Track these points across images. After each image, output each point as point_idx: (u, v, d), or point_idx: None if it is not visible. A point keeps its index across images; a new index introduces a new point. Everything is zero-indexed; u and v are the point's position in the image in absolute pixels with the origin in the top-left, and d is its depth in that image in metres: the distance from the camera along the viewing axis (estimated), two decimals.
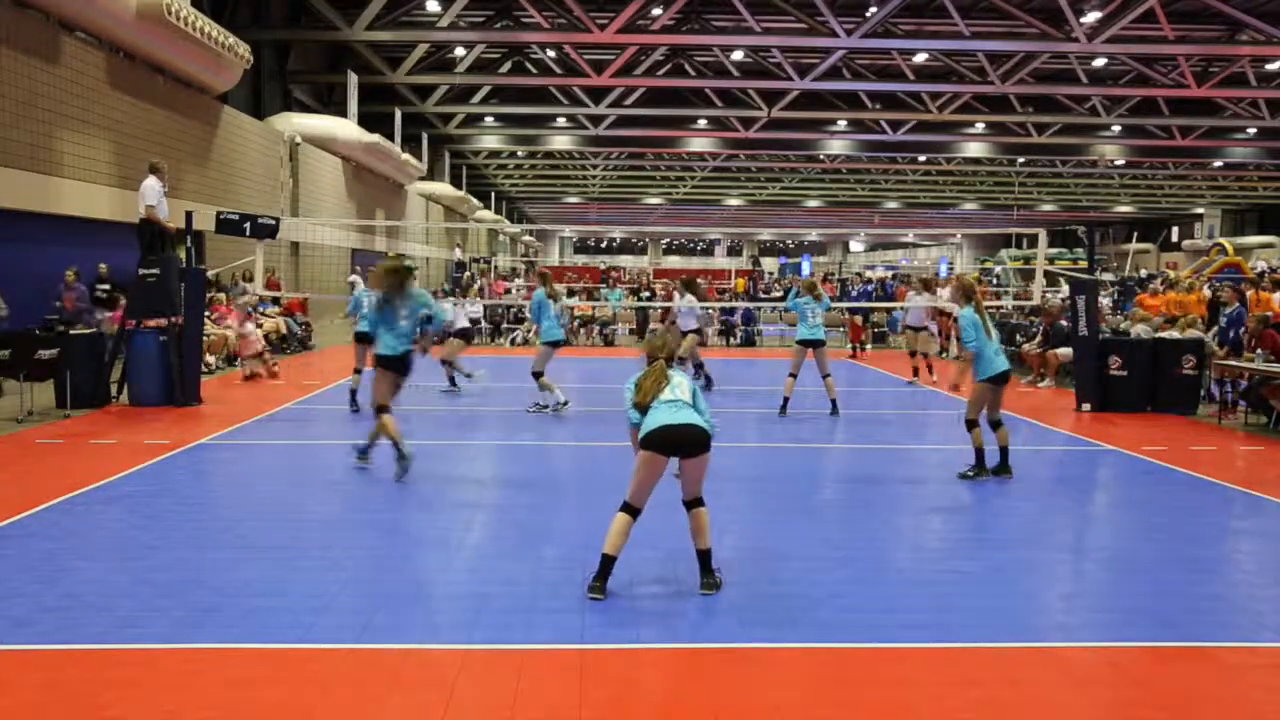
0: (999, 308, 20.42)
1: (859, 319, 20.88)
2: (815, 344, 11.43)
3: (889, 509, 7.24)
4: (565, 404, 11.31)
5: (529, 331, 22.18)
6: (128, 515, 6.65)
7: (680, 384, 5.21)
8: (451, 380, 13.06)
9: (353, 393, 11.23)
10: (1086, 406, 12.13)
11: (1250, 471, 8.80)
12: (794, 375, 11.44)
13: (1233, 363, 11.84)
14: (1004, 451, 8.09)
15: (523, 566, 5.60)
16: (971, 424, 8.08)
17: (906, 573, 5.70)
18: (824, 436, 10.39)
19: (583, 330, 22.96)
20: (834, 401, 11.48)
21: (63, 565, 5.50)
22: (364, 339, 10.60)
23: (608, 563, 5.10)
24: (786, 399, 11.45)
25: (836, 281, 36.51)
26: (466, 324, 13.85)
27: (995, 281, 40.22)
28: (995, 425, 8.11)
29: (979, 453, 8.06)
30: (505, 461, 8.82)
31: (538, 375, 11.19)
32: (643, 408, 5.14)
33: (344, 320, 24.99)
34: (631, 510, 5.15)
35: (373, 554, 5.84)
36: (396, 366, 7.86)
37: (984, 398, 8.05)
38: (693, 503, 5.21)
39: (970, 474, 8.02)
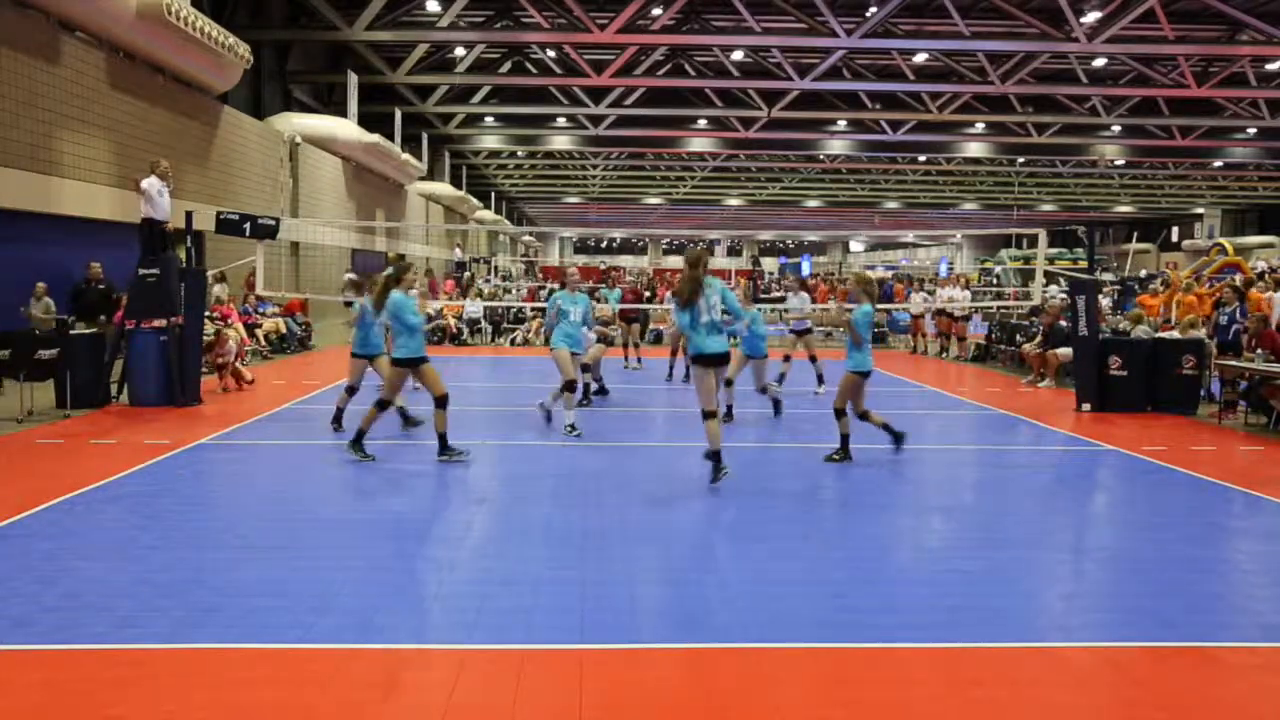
0: (1002, 307, 20.39)
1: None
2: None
3: (889, 509, 7.24)
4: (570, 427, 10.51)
5: (529, 332, 22.20)
6: (128, 515, 6.65)
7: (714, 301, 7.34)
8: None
9: (340, 411, 10.01)
10: (1086, 406, 12.13)
11: (1250, 471, 8.80)
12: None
13: (1233, 363, 11.84)
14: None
15: (523, 566, 5.60)
16: (840, 412, 8.72)
17: (906, 573, 5.70)
18: (824, 436, 10.38)
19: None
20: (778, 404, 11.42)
21: (63, 565, 5.50)
22: (364, 356, 9.77)
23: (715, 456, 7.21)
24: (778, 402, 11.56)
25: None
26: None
27: (996, 281, 40.22)
28: (862, 416, 8.73)
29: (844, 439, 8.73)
30: (505, 461, 8.81)
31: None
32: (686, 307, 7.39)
33: (344, 324, 25.04)
34: (710, 415, 7.27)
35: (372, 554, 5.84)
36: (413, 365, 8.39)
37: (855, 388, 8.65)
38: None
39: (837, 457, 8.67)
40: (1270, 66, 26.08)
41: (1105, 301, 19.81)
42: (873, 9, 21.60)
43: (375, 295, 8.46)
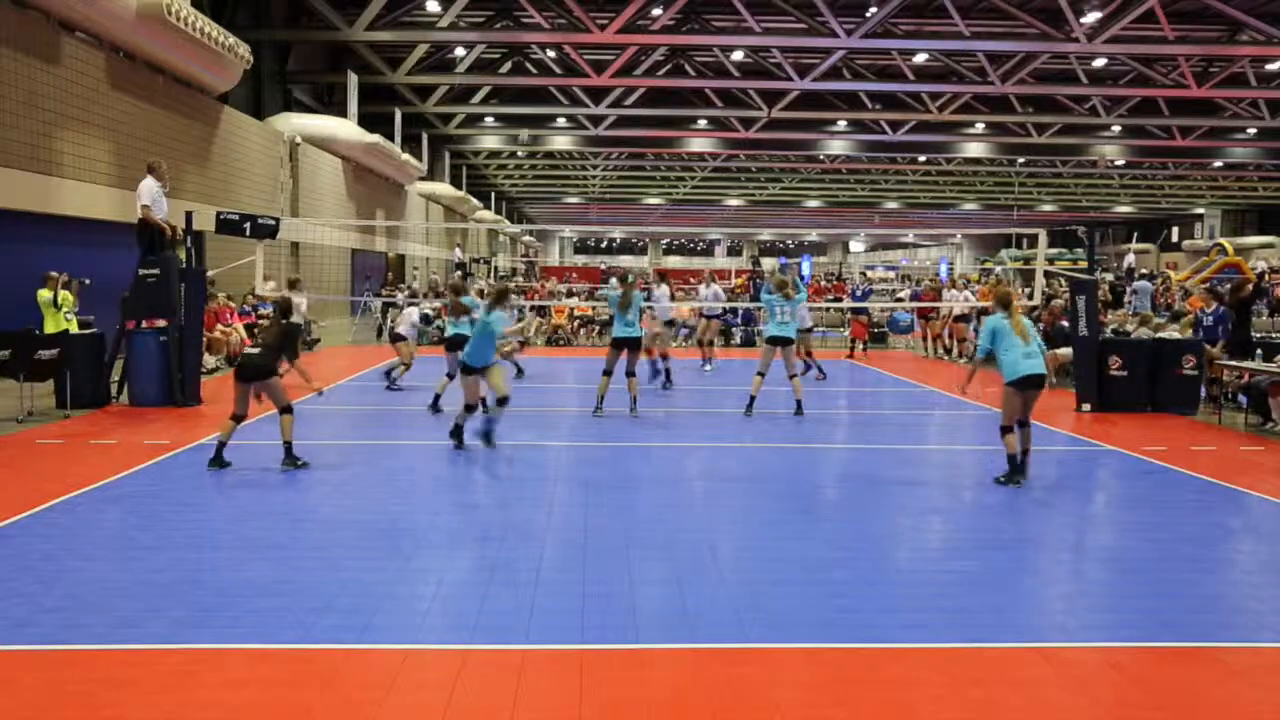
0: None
1: (864, 319, 20.89)
2: (783, 342, 11.36)
3: (889, 509, 7.24)
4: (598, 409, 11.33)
5: (529, 332, 22.20)
6: (128, 515, 6.65)
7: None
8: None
9: (437, 396, 11.33)
10: (1086, 406, 12.13)
11: (1250, 471, 8.79)
12: (762, 374, 11.34)
13: (1233, 363, 11.84)
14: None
15: (523, 566, 5.60)
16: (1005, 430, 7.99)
17: (907, 573, 5.70)
18: (824, 437, 10.38)
19: (582, 331, 22.95)
20: (799, 402, 11.37)
21: (63, 565, 5.50)
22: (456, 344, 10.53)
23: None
24: (753, 398, 11.36)
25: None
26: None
27: (995, 281, 40.03)
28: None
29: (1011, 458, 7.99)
30: (505, 461, 8.81)
31: (607, 374, 11.38)
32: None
33: (345, 321, 25.02)
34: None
35: (372, 554, 5.83)
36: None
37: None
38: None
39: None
40: (1270, 66, 26.09)
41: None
42: (873, 9, 21.61)
43: (489, 305, 9.29)
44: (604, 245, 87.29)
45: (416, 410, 11.37)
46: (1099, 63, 26.71)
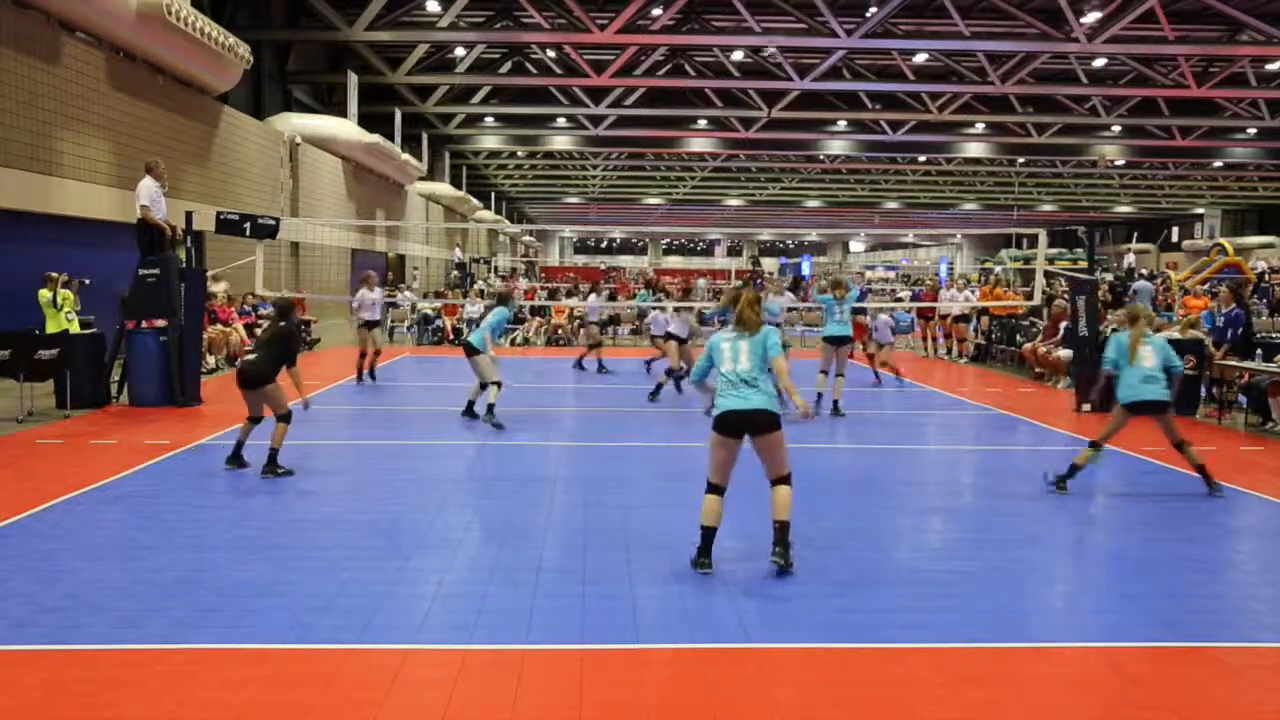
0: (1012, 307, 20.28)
1: (865, 319, 20.89)
2: (841, 340, 11.66)
3: (889, 509, 7.24)
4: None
5: (530, 332, 22.20)
6: (128, 515, 6.65)
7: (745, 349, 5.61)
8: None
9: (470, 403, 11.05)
10: (1086, 407, 12.13)
11: (1250, 471, 8.79)
12: (825, 372, 11.69)
13: (1232, 363, 11.84)
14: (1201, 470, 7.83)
15: (523, 566, 5.60)
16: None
17: (906, 573, 5.70)
18: (824, 437, 10.38)
19: (582, 331, 22.94)
20: (836, 403, 11.56)
21: (63, 565, 5.50)
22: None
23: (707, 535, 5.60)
24: (821, 395, 11.69)
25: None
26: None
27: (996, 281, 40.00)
28: (1179, 446, 7.83)
29: (1201, 469, 7.77)
30: (506, 461, 8.82)
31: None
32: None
33: (345, 321, 25.02)
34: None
35: (373, 554, 5.83)
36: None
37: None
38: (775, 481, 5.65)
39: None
40: (1270, 66, 26.07)
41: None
42: (873, 9, 21.60)
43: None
44: (604, 245, 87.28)
45: (417, 410, 11.37)
46: (1099, 63, 26.70)
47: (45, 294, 11.70)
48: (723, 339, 5.71)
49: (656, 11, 21.99)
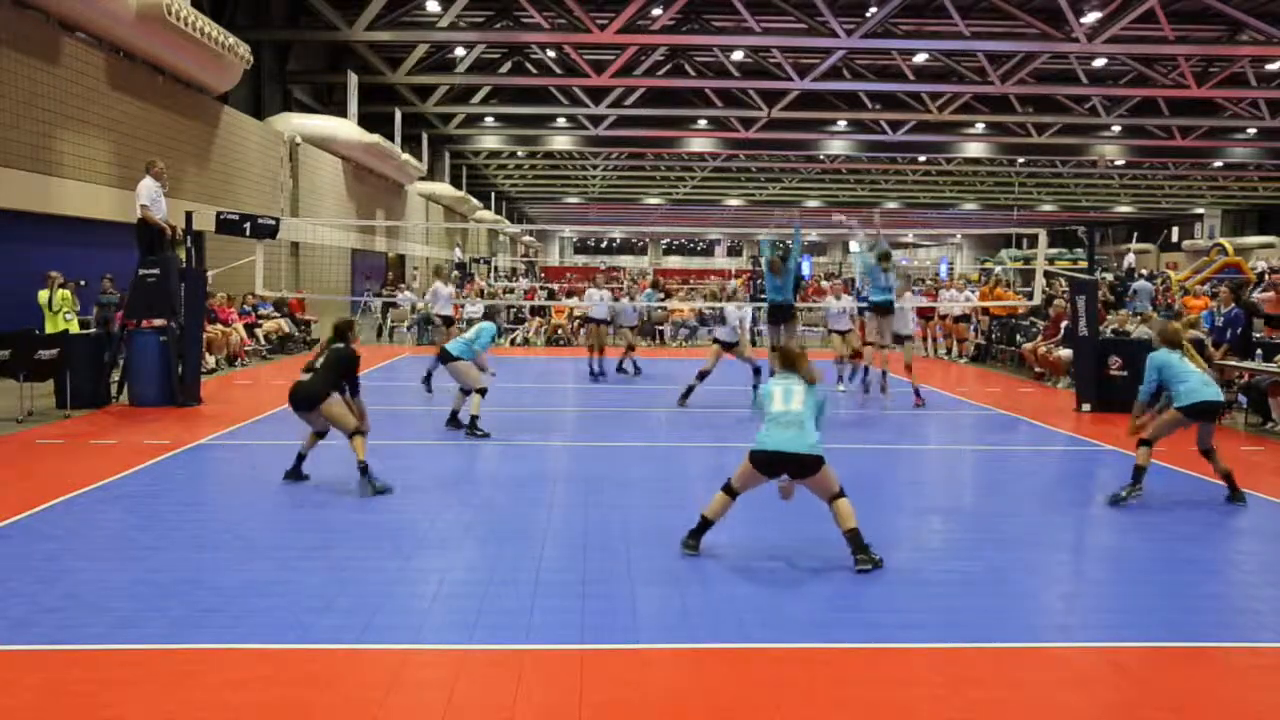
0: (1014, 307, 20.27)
1: (864, 318, 20.86)
2: (885, 309, 11.98)
3: (889, 508, 7.24)
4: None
5: (530, 331, 22.19)
6: (128, 515, 6.65)
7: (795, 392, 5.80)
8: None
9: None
10: (1086, 407, 12.13)
11: (1250, 471, 8.79)
12: (872, 344, 12.07)
13: (1232, 363, 11.84)
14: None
15: (523, 566, 5.60)
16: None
17: (906, 573, 5.70)
18: (824, 436, 10.36)
19: (582, 331, 22.94)
20: (884, 373, 12.17)
21: (63, 565, 5.50)
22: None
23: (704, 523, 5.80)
24: (885, 373, 12.25)
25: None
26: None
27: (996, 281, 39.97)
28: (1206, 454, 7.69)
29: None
30: (506, 461, 8.81)
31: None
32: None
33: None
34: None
35: (373, 554, 5.83)
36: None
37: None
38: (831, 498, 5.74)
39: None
40: (1270, 66, 26.08)
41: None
42: (873, 9, 21.61)
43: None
44: (604, 245, 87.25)
45: (417, 410, 11.36)
46: (1099, 63, 26.71)
47: (44, 295, 11.71)
48: (775, 384, 5.95)
49: (656, 11, 22.00)
